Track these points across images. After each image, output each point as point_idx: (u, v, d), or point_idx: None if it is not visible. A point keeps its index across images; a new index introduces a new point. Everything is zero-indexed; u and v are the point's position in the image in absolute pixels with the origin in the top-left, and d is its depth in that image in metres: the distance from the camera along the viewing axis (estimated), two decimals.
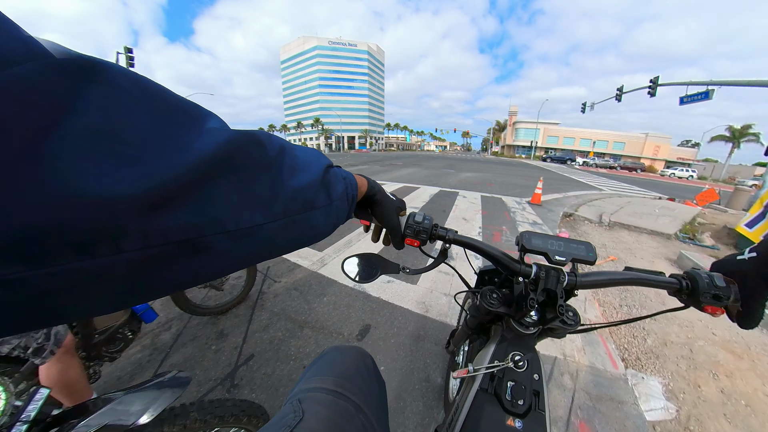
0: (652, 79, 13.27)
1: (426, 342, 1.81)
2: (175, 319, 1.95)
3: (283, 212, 0.27)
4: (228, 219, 0.22)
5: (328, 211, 0.34)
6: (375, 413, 0.47)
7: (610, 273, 0.56)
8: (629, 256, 3.66)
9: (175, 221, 0.19)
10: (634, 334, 2.08)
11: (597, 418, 1.39)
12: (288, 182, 0.28)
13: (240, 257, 0.25)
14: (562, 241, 0.56)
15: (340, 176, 0.38)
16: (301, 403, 0.43)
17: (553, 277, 0.54)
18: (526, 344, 0.56)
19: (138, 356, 1.64)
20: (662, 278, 0.53)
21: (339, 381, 0.48)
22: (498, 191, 7.98)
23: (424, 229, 0.56)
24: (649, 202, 7.76)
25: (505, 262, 0.58)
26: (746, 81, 9.91)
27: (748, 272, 0.45)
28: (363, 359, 0.57)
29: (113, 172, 0.16)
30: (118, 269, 0.17)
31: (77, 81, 0.16)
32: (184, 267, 0.21)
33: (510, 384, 0.47)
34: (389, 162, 19.50)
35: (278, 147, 0.28)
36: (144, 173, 0.17)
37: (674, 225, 5.08)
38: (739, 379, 1.75)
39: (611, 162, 33.98)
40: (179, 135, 0.20)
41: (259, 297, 2.26)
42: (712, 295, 0.48)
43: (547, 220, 5.05)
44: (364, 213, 0.54)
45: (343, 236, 3.62)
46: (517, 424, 0.43)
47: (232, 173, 0.22)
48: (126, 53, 15.94)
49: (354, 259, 0.66)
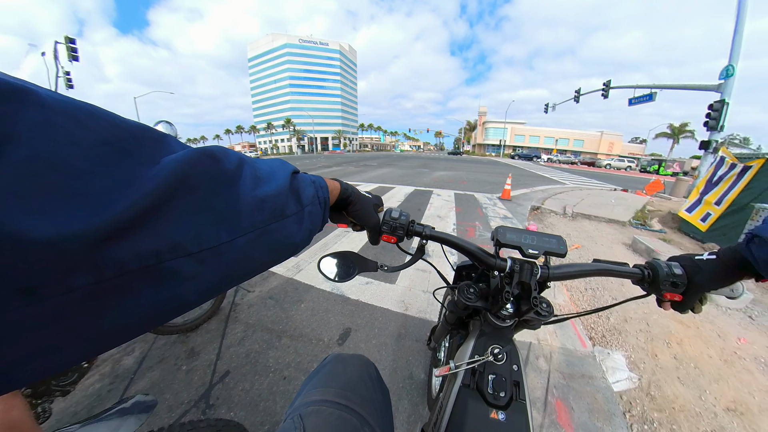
0: (605, 82, 14.54)
1: (407, 340, 1.82)
2: (138, 341, 1.80)
3: (251, 225, 0.26)
4: (189, 241, 0.21)
5: (300, 218, 0.32)
6: (380, 423, 0.46)
7: (580, 265, 0.58)
8: (591, 243, 3.95)
9: (129, 250, 0.17)
10: (599, 314, 2.24)
11: (571, 395, 1.48)
12: (252, 193, 0.26)
13: (213, 280, 0.23)
14: (535, 235, 0.58)
15: (309, 180, 0.36)
16: (302, 419, 0.41)
17: (527, 270, 0.55)
18: (504, 337, 0.58)
19: (96, 387, 1.48)
20: (626, 269, 0.57)
21: (341, 392, 0.47)
22: (470, 188, 8.27)
23: (401, 225, 0.56)
24: (606, 194, 8.42)
25: (480, 257, 0.59)
26: (682, 85, 11.19)
27: (701, 270, 0.50)
28: (366, 368, 0.56)
29: (58, 209, 0.14)
30: (72, 308, 0.15)
31: (12, 106, 0.14)
32: (151, 297, 0.19)
33: (491, 377, 0.48)
34: (364, 163, 19.47)
35: (237, 159, 0.26)
36: (92, 208, 0.16)
37: (628, 213, 5.55)
38: (688, 345, 1.95)
39: (572, 158, 36.56)
40: (128, 163, 0.19)
41: (231, 309, 2.15)
42: (671, 282, 0.51)
43: (516, 214, 5.31)
44: (339, 216, 0.53)
45: (319, 239, 3.56)
46: (501, 416, 0.44)
47: (189, 193, 0.21)
48: (67, 43, 14.31)
49: (330, 258, 0.65)
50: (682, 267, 0.52)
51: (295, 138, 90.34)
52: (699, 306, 0.53)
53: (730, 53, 8.45)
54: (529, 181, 11.18)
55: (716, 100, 8.46)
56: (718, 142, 8.43)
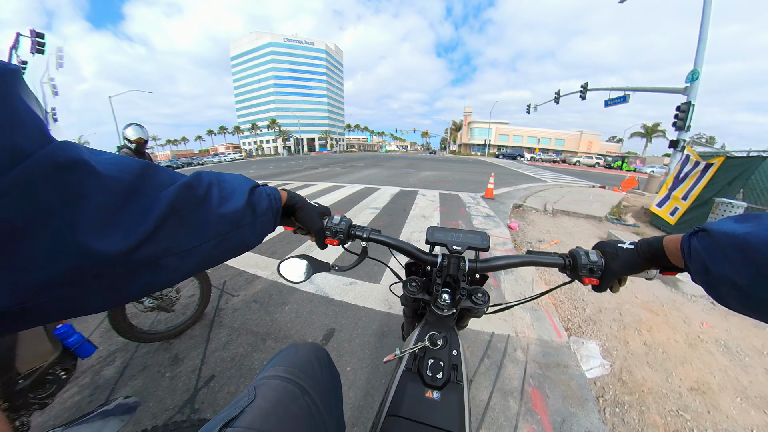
0: (583, 84, 15.15)
1: (390, 337, 1.87)
2: (119, 350, 1.76)
3: (215, 234, 0.37)
4: (174, 245, 0.32)
5: (254, 226, 0.44)
6: (323, 398, 0.52)
7: (506, 257, 0.64)
8: (569, 239, 4.11)
9: (143, 253, 0.29)
10: (575, 306, 2.36)
11: (546, 384, 1.56)
12: (217, 211, 0.38)
13: (187, 269, 0.35)
14: (461, 233, 0.65)
15: (265, 194, 0.47)
16: (255, 389, 0.47)
17: (455, 264, 0.62)
18: (445, 324, 0.63)
19: (76, 399, 1.44)
20: (549, 259, 0.61)
21: (289, 369, 0.53)
22: (455, 188, 8.41)
23: (341, 229, 0.64)
24: (585, 191, 8.76)
25: (414, 254, 0.66)
26: (653, 87, 11.83)
27: (619, 257, 0.55)
28: (316, 352, 0.61)
29: (112, 235, 0.26)
30: (112, 279, 0.28)
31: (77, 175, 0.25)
32: (148, 279, 0.31)
33: (430, 361, 0.53)
34: (350, 163, 19.43)
35: (206, 183, 0.38)
36: (126, 233, 0.27)
37: (604, 209, 5.80)
38: (656, 332, 2.08)
39: (554, 156, 37.86)
40: (141, 199, 0.30)
41: (216, 314, 2.13)
42: (589, 269, 0.56)
43: (499, 212, 5.45)
44: (287, 221, 0.62)
45: (304, 242, 3.56)
46: (435, 396, 0.49)
47: (175, 214, 0.32)
48: (34, 38, 13.34)
49: (288, 261, 0.71)
50: (603, 254, 0.58)
51: (281, 139, 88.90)
52: (617, 286, 0.58)
53: (695, 58, 8.96)
54: (512, 180, 11.47)
55: (683, 102, 8.95)
56: (685, 141, 8.94)
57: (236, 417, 0.41)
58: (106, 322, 1.57)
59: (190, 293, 2.22)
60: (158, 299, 1.77)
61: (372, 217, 4.97)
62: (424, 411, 0.47)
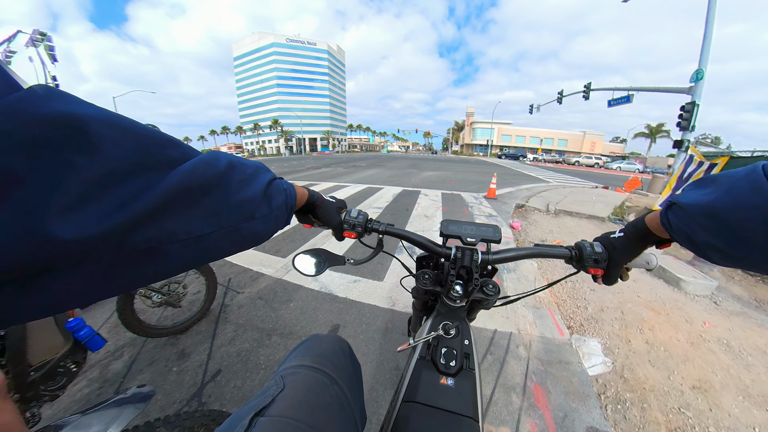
0: (586, 84, 15.08)
1: (394, 333, 1.89)
2: (127, 345, 1.79)
3: (227, 223, 0.32)
4: (181, 230, 0.27)
5: (267, 220, 0.39)
6: (349, 387, 0.53)
7: (516, 249, 0.67)
8: (572, 239, 4.11)
9: (141, 236, 0.24)
10: (577, 305, 2.36)
11: (549, 380, 1.57)
12: (234, 196, 0.33)
13: (191, 260, 0.30)
14: (474, 226, 0.67)
15: (282, 189, 0.44)
16: (283, 378, 0.48)
17: (468, 255, 0.63)
18: (457, 315, 0.65)
19: (85, 391, 1.47)
20: (557, 250, 0.64)
21: (316, 359, 0.54)
22: (457, 188, 8.41)
23: (359, 223, 0.67)
24: (588, 191, 8.73)
25: (429, 247, 0.68)
26: (656, 87, 11.74)
27: (616, 246, 0.57)
28: (339, 344, 0.63)
29: (93, 213, 0.21)
30: (99, 268, 0.23)
31: (73, 132, 0.21)
32: (145, 269, 0.27)
33: (443, 350, 0.55)
34: (352, 164, 19.45)
35: (226, 162, 0.33)
36: (119, 208, 0.23)
37: (607, 209, 5.79)
38: (658, 331, 2.08)
39: (557, 157, 37.75)
40: (147, 174, 0.25)
41: (221, 310, 2.16)
42: (594, 259, 0.58)
43: (501, 212, 5.45)
44: (305, 218, 0.64)
45: (308, 240, 3.58)
46: (449, 382, 0.51)
47: (188, 194, 0.28)
48: (43, 40, 13.39)
49: (303, 255, 0.72)
50: (603, 245, 0.60)
51: (283, 139, 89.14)
52: (626, 274, 0.60)
53: (700, 58, 8.91)
54: (514, 180, 11.45)
55: (687, 102, 8.90)
56: (690, 141, 8.88)
57: (267, 406, 0.42)
58: (115, 316, 1.60)
59: (196, 290, 2.25)
60: (166, 295, 1.80)
61: (375, 216, 4.98)
62: (439, 396, 0.48)
